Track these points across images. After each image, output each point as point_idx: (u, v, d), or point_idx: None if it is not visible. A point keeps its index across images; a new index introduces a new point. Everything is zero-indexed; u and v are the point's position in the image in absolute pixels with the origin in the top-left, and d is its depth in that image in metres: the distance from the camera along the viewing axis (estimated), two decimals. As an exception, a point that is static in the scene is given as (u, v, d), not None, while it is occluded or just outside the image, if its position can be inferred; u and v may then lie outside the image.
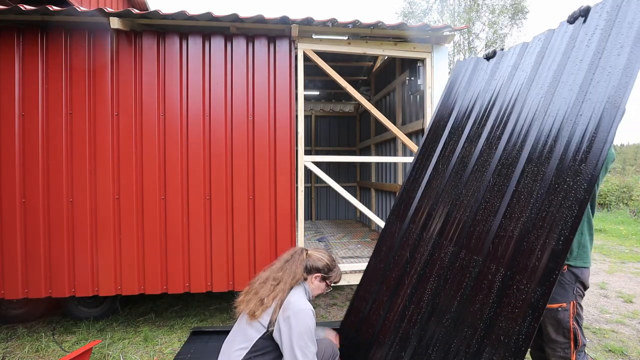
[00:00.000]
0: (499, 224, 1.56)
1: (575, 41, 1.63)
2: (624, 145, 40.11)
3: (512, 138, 1.73)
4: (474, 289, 1.51)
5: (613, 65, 1.39)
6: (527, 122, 1.69)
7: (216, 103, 3.04)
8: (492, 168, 1.75)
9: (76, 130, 2.89)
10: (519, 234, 1.43)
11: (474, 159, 1.93)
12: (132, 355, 2.66)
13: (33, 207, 2.84)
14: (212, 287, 3.02)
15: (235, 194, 3.05)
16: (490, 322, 1.38)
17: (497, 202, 1.62)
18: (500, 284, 1.41)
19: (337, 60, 5.33)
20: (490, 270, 1.48)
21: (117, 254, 2.92)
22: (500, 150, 1.76)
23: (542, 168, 1.47)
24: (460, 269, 1.63)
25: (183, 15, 2.84)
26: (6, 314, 3.20)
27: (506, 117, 1.86)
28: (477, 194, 1.76)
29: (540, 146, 1.53)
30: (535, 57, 1.85)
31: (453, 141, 2.20)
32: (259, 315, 1.52)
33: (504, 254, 1.46)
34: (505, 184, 1.62)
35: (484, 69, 2.27)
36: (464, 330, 1.47)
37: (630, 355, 2.69)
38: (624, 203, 12.86)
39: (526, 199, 1.48)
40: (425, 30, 3.17)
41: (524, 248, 1.39)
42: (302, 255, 1.80)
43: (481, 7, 13.99)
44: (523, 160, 1.58)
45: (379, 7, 72.63)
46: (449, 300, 1.61)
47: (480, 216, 1.68)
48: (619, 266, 5.46)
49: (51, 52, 2.89)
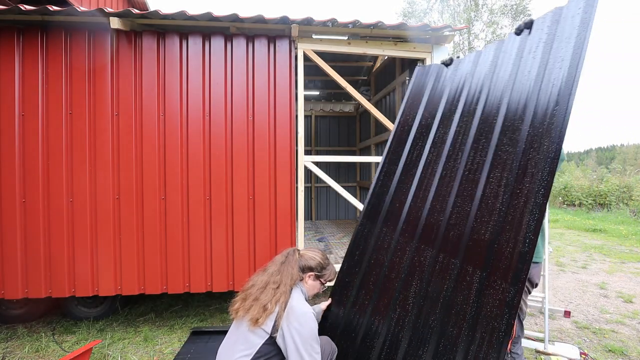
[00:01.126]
0: (471, 228, 1.63)
1: (522, 52, 1.77)
2: (624, 145, 40.10)
3: (478, 144, 1.81)
4: (454, 290, 1.59)
5: (556, 77, 1.52)
6: (486, 129, 1.80)
7: (216, 103, 3.04)
8: (460, 174, 1.83)
9: (76, 130, 2.89)
10: (490, 236, 1.52)
11: (441, 165, 2.00)
12: (132, 355, 2.66)
13: (33, 207, 2.84)
14: (212, 287, 3.02)
15: (235, 194, 3.05)
16: (473, 321, 1.46)
17: (467, 207, 1.70)
18: (478, 284, 1.49)
19: (337, 60, 5.33)
20: (468, 271, 1.55)
21: (117, 254, 2.92)
22: (465, 156, 1.84)
23: (504, 174, 1.57)
24: (440, 271, 1.70)
25: (183, 15, 2.84)
26: (6, 314, 3.20)
27: (466, 125, 1.96)
28: (448, 199, 1.84)
29: (502, 152, 1.64)
30: (488, 65, 1.97)
31: (419, 146, 2.26)
32: (262, 322, 1.49)
33: (479, 256, 1.53)
34: (472, 189, 1.71)
35: (444, 75, 2.34)
36: (449, 329, 1.54)
37: (630, 355, 2.69)
38: (624, 203, 12.86)
39: (493, 203, 1.57)
40: (425, 30, 3.17)
41: (496, 250, 1.47)
42: (295, 255, 1.80)
43: (481, 7, 13.99)
44: (487, 166, 1.69)
45: (379, 7, 72.54)
46: (433, 302, 1.67)
47: (454, 220, 1.75)
48: (619, 266, 5.46)
49: (51, 52, 2.89)
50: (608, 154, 40.45)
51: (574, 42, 1.49)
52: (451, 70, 2.28)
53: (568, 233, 8.82)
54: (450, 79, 2.25)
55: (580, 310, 3.63)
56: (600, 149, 48.33)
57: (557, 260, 5.81)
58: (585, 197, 13.74)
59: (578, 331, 3.12)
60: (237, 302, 1.62)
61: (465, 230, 1.66)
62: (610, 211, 12.47)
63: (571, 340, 2.94)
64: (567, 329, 3.16)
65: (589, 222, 10.12)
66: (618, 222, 10.20)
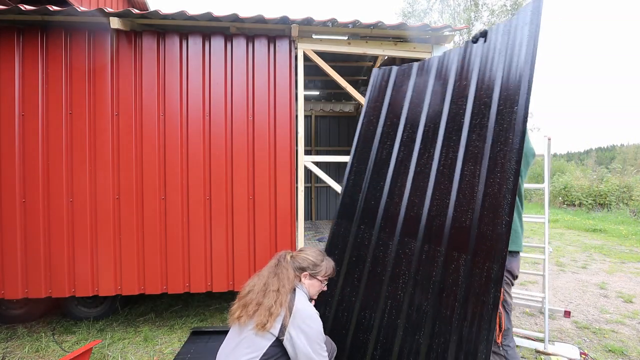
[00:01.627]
0: (452, 217, 1.78)
1: (481, 58, 1.95)
2: (624, 145, 40.10)
3: (449, 142, 1.97)
4: (443, 275, 1.74)
5: (513, 79, 1.70)
6: (455, 127, 1.95)
7: (216, 103, 3.04)
8: (434, 169, 1.98)
9: (76, 130, 2.89)
10: (471, 223, 1.68)
11: (414, 162, 2.12)
12: (132, 355, 2.66)
13: (33, 207, 2.84)
14: (212, 287, 3.02)
15: (235, 194, 3.05)
16: (463, 300, 1.61)
17: (446, 199, 1.85)
18: (465, 267, 1.64)
19: (337, 60, 5.33)
20: (454, 257, 1.71)
21: (117, 254, 2.92)
22: (437, 153, 1.99)
23: (477, 166, 1.74)
24: (427, 260, 1.84)
25: (183, 15, 2.84)
26: (6, 314, 3.20)
27: (434, 124, 2.11)
28: (426, 193, 1.97)
29: (472, 147, 1.81)
30: (453, 70, 2.14)
31: (388, 145, 2.37)
32: (270, 326, 1.49)
33: (463, 242, 1.69)
34: (449, 183, 1.87)
35: (405, 77, 2.47)
36: (443, 311, 1.68)
37: (630, 355, 2.69)
38: (624, 203, 12.86)
39: (470, 193, 1.74)
40: (425, 30, 3.17)
41: (477, 234, 1.63)
42: (287, 257, 1.80)
43: (481, 7, 13.99)
44: (460, 160, 1.85)
45: (379, 7, 72.50)
46: (424, 289, 1.80)
47: (435, 212, 1.89)
48: (619, 266, 5.47)
49: (51, 52, 2.89)
50: (608, 154, 40.44)
51: (525, 50, 1.68)
52: (413, 73, 2.42)
53: (568, 233, 8.83)
54: (413, 82, 2.39)
55: (580, 310, 3.63)
56: (600, 149, 48.34)
57: (557, 260, 5.81)
58: (585, 197, 13.74)
59: (578, 331, 3.12)
60: (238, 310, 1.59)
61: (447, 220, 1.80)
62: (610, 211, 12.47)
63: (571, 340, 2.94)
64: (567, 329, 3.16)
65: (589, 222, 10.12)
66: (618, 222, 10.20)
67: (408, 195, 2.08)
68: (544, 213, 2.84)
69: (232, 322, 1.60)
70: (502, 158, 1.63)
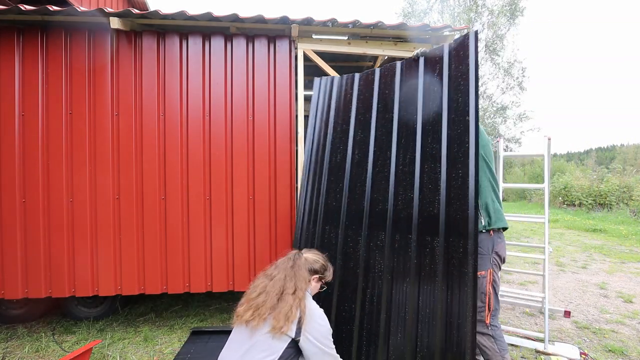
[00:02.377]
0: (419, 208, 1.94)
1: (422, 73, 2.16)
2: (624, 145, 40.09)
3: (407, 144, 2.13)
4: (418, 257, 1.90)
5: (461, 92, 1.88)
6: (408, 132, 2.13)
7: (216, 103, 3.04)
8: (394, 168, 2.13)
9: (76, 130, 2.89)
10: (438, 211, 1.84)
11: (370, 163, 2.27)
12: (132, 355, 2.66)
13: (33, 207, 2.84)
14: (212, 287, 3.02)
15: (235, 194, 3.05)
16: (443, 274, 1.77)
17: (410, 193, 2.02)
18: (440, 247, 1.80)
19: (337, 60, 5.31)
20: (427, 240, 1.87)
21: (117, 254, 2.92)
22: (394, 154, 2.16)
23: (436, 164, 1.90)
24: (400, 248, 2.00)
25: (183, 15, 2.84)
26: (6, 314, 3.20)
27: (386, 129, 2.27)
28: (389, 190, 2.12)
29: (429, 148, 1.97)
30: (396, 82, 2.31)
31: (341, 149, 2.50)
32: (287, 329, 1.48)
33: (434, 227, 1.85)
34: (411, 179, 2.03)
35: (349, 85, 2.63)
36: (424, 287, 1.83)
37: (630, 355, 2.69)
38: (624, 203, 12.86)
39: (434, 187, 1.90)
40: (425, 30, 3.17)
41: (446, 219, 1.80)
42: (301, 258, 1.77)
43: (481, 7, 13.98)
44: (418, 160, 2.02)
45: (379, 7, 72.49)
46: (403, 272, 1.95)
47: (401, 206, 2.05)
48: (619, 266, 5.47)
49: (51, 52, 2.89)
50: (608, 154, 40.44)
51: (466, 67, 1.88)
52: (356, 82, 2.57)
53: (568, 233, 8.83)
54: (358, 90, 2.54)
55: (580, 310, 3.63)
56: (600, 149, 48.35)
57: (557, 260, 5.81)
58: (585, 197, 13.74)
59: (578, 331, 3.12)
60: (248, 313, 1.54)
61: (413, 211, 1.96)
62: (610, 211, 12.47)
63: (571, 340, 2.94)
64: (567, 329, 3.16)
65: (589, 222, 10.12)
66: (618, 222, 10.21)
67: (370, 193, 2.23)
68: (544, 213, 2.84)
69: (240, 324, 1.55)
70: (461, 156, 1.81)
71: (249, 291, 1.65)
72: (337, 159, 2.50)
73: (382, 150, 2.24)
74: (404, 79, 2.27)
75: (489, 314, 1.82)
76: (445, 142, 1.89)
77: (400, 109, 2.22)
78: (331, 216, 2.43)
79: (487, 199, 1.94)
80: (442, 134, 1.92)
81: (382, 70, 2.42)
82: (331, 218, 2.43)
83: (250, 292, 1.64)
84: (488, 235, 1.91)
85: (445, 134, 1.90)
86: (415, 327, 1.82)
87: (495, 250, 1.91)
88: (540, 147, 2.80)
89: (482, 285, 1.85)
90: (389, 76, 2.37)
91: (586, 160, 33.39)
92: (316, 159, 2.68)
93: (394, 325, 1.92)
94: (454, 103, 1.90)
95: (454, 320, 1.68)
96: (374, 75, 2.46)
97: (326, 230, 2.43)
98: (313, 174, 2.66)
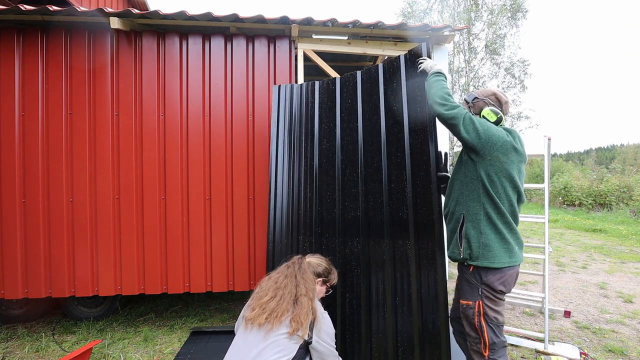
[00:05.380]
0: (390, 213, 2.07)
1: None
2: (624, 145, 40.12)
3: (373, 152, 2.21)
4: (392, 256, 2.04)
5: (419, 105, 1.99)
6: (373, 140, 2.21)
7: (216, 103, 3.04)
8: (362, 177, 2.22)
9: (76, 130, 2.89)
10: (407, 216, 1.97)
11: (339, 172, 2.34)
12: (132, 355, 2.66)
13: (33, 207, 2.84)
14: (212, 287, 3.02)
15: (235, 194, 3.05)
16: (416, 265, 1.94)
17: (379, 199, 2.12)
18: (411, 248, 1.96)
19: (337, 60, 5.31)
20: (399, 243, 2.03)
21: (117, 254, 2.92)
22: (362, 163, 2.23)
23: (402, 171, 2.02)
24: (374, 251, 2.13)
25: (183, 15, 2.84)
26: (6, 314, 3.20)
27: (352, 138, 2.32)
28: (359, 198, 2.22)
29: (394, 157, 2.08)
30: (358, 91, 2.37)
31: (309, 158, 2.52)
32: (304, 332, 1.52)
33: (405, 231, 1.99)
34: (379, 187, 2.13)
35: (310, 94, 2.64)
36: (402, 287, 1.99)
37: (630, 355, 2.69)
38: (624, 203, 12.86)
39: (402, 193, 2.02)
40: (425, 30, 3.18)
41: (416, 223, 1.94)
42: (305, 262, 1.80)
43: (481, 7, 13.97)
44: (385, 167, 2.12)
45: (379, 7, 72.62)
46: (379, 267, 2.10)
47: (372, 212, 2.16)
48: (619, 266, 5.46)
49: (51, 52, 2.89)
50: (608, 154, 40.42)
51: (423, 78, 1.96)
52: (317, 90, 2.59)
53: (568, 233, 8.83)
54: (319, 97, 2.57)
55: (580, 310, 3.63)
56: (600, 149, 48.32)
57: (557, 260, 5.81)
58: (585, 197, 13.73)
59: (578, 331, 3.12)
60: (262, 315, 1.54)
61: (385, 217, 2.07)
62: (610, 211, 12.47)
63: (571, 340, 2.93)
64: (567, 329, 3.16)
65: (589, 222, 10.12)
66: (618, 222, 10.21)
67: (341, 201, 2.30)
68: (543, 213, 2.84)
69: (250, 327, 1.55)
70: (423, 163, 1.91)
71: (258, 295, 1.66)
72: (307, 168, 2.51)
73: (350, 158, 2.32)
74: (365, 87, 2.34)
75: (487, 347, 1.69)
76: (408, 150, 2.00)
77: (364, 117, 2.29)
78: (304, 225, 2.45)
79: (471, 230, 1.67)
80: (404, 142, 2.02)
81: (341, 78, 2.47)
82: (304, 227, 2.44)
83: (260, 295, 1.65)
84: (468, 269, 1.72)
85: (408, 143, 2.00)
86: (392, 302, 2.01)
87: (484, 281, 1.67)
88: (539, 147, 2.80)
89: (469, 316, 1.71)
90: (351, 85, 2.41)
91: (586, 160, 33.40)
92: (282, 167, 2.66)
93: (374, 313, 2.10)
94: (412, 116, 2.00)
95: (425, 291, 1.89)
96: (335, 82, 2.49)
97: (299, 239, 2.45)
98: (281, 183, 2.63)
